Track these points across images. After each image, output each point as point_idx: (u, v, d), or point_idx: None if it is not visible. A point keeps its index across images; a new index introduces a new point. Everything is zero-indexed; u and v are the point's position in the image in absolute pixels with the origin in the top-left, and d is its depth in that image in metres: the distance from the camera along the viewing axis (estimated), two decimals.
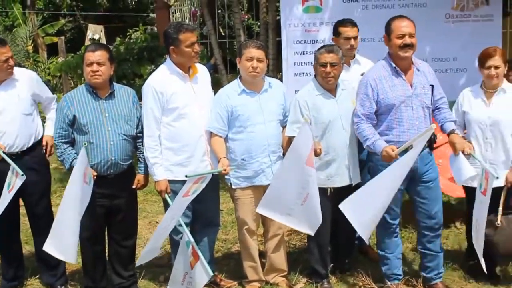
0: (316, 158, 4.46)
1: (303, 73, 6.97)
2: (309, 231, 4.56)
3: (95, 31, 17.27)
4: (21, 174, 4.49)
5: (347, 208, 4.43)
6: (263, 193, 4.67)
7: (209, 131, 4.67)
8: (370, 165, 4.65)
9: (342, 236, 4.95)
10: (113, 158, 4.55)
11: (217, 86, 5.15)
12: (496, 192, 4.58)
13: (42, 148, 4.92)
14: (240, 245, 5.00)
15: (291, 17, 7.07)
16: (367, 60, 5.24)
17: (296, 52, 7.07)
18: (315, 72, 4.79)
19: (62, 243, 4.38)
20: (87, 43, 15.16)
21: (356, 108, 4.62)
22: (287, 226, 4.86)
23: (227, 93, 4.72)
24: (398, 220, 4.76)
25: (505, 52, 4.84)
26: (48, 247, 4.44)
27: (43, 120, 5.06)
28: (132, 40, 12.45)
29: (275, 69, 8.15)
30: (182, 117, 4.59)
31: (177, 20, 11.72)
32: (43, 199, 4.94)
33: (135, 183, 4.76)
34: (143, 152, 4.67)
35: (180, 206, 4.32)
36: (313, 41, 6.97)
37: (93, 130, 4.52)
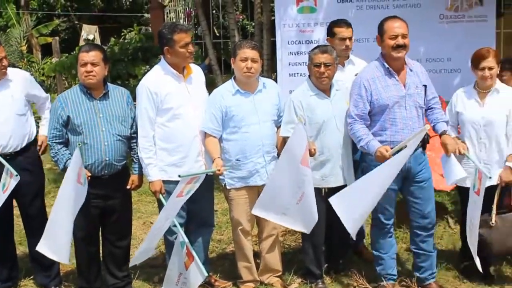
0: (311, 158, 4.46)
1: (298, 74, 6.98)
2: (305, 230, 4.56)
3: (90, 32, 17.26)
4: (15, 175, 4.48)
5: (337, 203, 4.43)
6: (258, 194, 4.68)
7: (204, 132, 4.67)
8: (364, 166, 4.65)
9: (336, 236, 4.94)
10: (107, 159, 4.55)
11: (212, 87, 5.15)
12: (490, 192, 4.60)
13: (36, 149, 4.91)
14: (235, 246, 5.00)
15: (286, 18, 7.08)
16: (361, 61, 5.24)
17: (291, 53, 7.08)
18: (309, 73, 4.79)
19: (56, 244, 4.37)
20: (82, 44, 15.13)
21: (350, 109, 4.62)
22: (282, 227, 4.86)
23: (222, 94, 4.72)
24: (393, 220, 4.77)
25: (498, 53, 4.85)
26: (42, 248, 4.43)
27: (37, 121, 5.05)
28: (127, 41, 12.43)
29: (270, 70, 8.15)
30: (177, 118, 4.59)
31: (172, 21, 11.69)
32: (37, 200, 4.93)
33: (130, 184, 4.75)
34: (138, 153, 4.66)
35: (174, 207, 4.31)
36: (308, 42, 6.97)
37: (87, 131, 4.51)
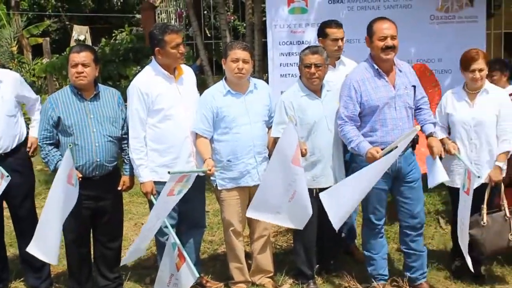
0: (302, 159, 4.46)
1: (289, 74, 6.98)
2: (298, 226, 4.57)
3: (81, 32, 17.19)
4: (6, 176, 4.46)
5: (326, 198, 4.45)
6: (249, 194, 4.69)
7: (195, 133, 4.66)
8: (354, 166, 4.66)
9: (327, 237, 4.94)
10: (98, 160, 4.53)
11: (203, 87, 5.15)
12: (480, 191, 4.62)
13: (26, 150, 4.89)
14: (226, 247, 4.99)
15: (277, 18, 7.08)
16: (351, 61, 5.24)
17: (282, 53, 7.08)
18: (300, 73, 4.79)
19: (46, 245, 4.36)
20: (73, 44, 15.06)
21: (340, 110, 4.63)
22: (273, 227, 4.85)
23: (213, 94, 4.72)
24: (383, 221, 4.78)
25: (487, 54, 4.88)
26: (32, 249, 4.42)
27: (27, 122, 5.03)
28: (118, 41, 12.40)
29: (261, 70, 8.15)
30: (168, 119, 4.58)
31: (163, 21, 11.69)
32: (27, 201, 4.91)
33: (121, 185, 4.74)
34: (129, 154, 4.65)
35: (165, 206, 4.29)
36: (299, 42, 6.97)
37: (78, 132, 4.49)
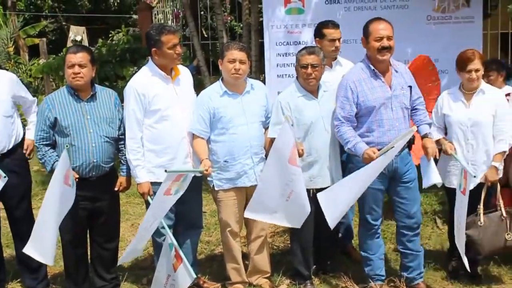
0: (299, 159, 4.47)
1: (286, 75, 6.97)
2: (296, 225, 4.57)
3: (77, 33, 17.16)
4: (4, 176, 4.46)
5: (323, 198, 4.46)
6: (246, 195, 4.69)
7: (192, 133, 4.66)
8: (351, 167, 4.65)
9: (324, 237, 4.95)
10: (95, 161, 4.53)
11: (200, 88, 5.14)
12: (477, 192, 4.64)
13: (23, 151, 4.87)
14: (223, 247, 4.99)
15: (274, 19, 7.07)
16: (348, 62, 5.24)
17: (279, 54, 7.08)
18: (297, 74, 4.80)
19: (43, 246, 4.35)
20: (69, 45, 15.05)
21: (336, 111, 4.63)
22: (270, 228, 4.85)
23: (209, 95, 4.72)
24: (380, 221, 4.78)
25: (483, 55, 4.89)
26: (29, 250, 4.40)
27: (23, 123, 5.02)
28: (114, 42, 12.38)
29: (258, 71, 8.15)
30: (164, 119, 4.58)
31: (160, 22, 11.68)
32: (24, 202, 4.90)
33: (117, 185, 4.73)
34: (125, 154, 4.64)
35: (162, 205, 4.27)
36: (296, 43, 6.97)
37: (75, 133, 4.49)
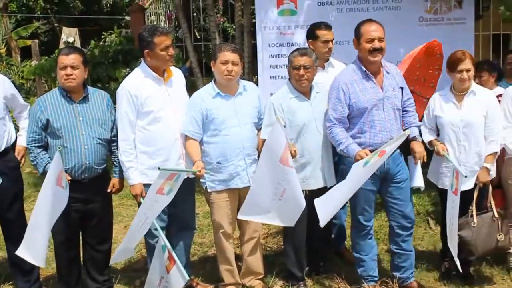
0: (292, 160, 4.46)
1: (279, 76, 6.98)
2: (289, 224, 4.57)
3: (70, 34, 17.11)
4: None
5: (320, 204, 4.47)
6: (239, 196, 4.69)
7: (184, 135, 4.66)
8: (343, 168, 4.66)
9: (317, 237, 4.95)
10: (88, 162, 4.52)
11: (193, 89, 5.14)
12: (469, 194, 4.66)
13: (14, 154, 4.85)
14: (216, 249, 4.99)
15: (266, 20, 7.09)
16: (340, 63, 5.25)
17: (272, 55, 7.09)
18: (289, 75, 4.80)
19: (35, 248, 4.33)
20: (62, 46, 14.98)
21: (328, 113, 4.63)
22: (263, 229, 4.85)
23: (202, 96, 4.71)
24: (372, 222, 4.79)
25: (472, 56, 4.91)
26: (22, 252, 4.37)
27: (15, 124, 5.00)
28: (107, 43, 12.31)
29: (251, 72, 8.15)
30: (157, 121, 4.57)
31: (152, 23, 11.67)
32: (15, 205, 4.85)
33: (110, 187, 4.72)
34: (118, 156, 4.64)
35: (155, 205, 4.22)
36: (288, 44, 6.98)
37: (67, 134, 4.48)
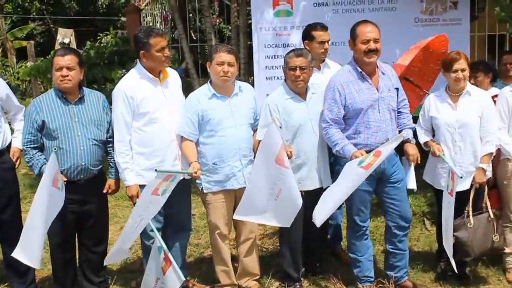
0: (288, 161, 4.46)
1: (275, 77, 6.98)
2: (285, 225, 4.57)
3: (65, 35, 17.09)
4: None
5: (319, 210, 4.47)
6: (235, 197, 4.69)
7: (180, 136, 4.65)
8: (338, 169, 4.65)
9: (313, 237, 4.95)
10: (83, 163, 4.51)
11: (189, 90, 5.14)
12: (465, 195, 4.68)
13: (9, 155, 4.83)
14: (212, 250, 4.98)
15: (262, 21, 7.09)
16: (336, 64, 5.25)
17: (268, 56, 7.09)
18: (285, 76, 4.81)
19: (31, 249, 4.32)
20: (57, 47, 14.97)
21: (324, 113, 4.64)
22: (259, 230, 4.84)
23: (198, 97, 4.71)
24: (368, 222, 4.79)
25: (467, 56, 4.92)
26: (18, 254, 4.36)
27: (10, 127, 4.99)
28: (103, 44, 12.31)
29: (247, 73, 8.15)
30: (153, 122, 4.57)
31: (148, 24, 11.67)
32: (11, 206, 4.84)
33: (106, 188, 4.72)
34: (114, 157, 4.63)
35: (149, 206, 4.21)
36: (284, 45, 6.98)
37: (63, 135, 4.47)
